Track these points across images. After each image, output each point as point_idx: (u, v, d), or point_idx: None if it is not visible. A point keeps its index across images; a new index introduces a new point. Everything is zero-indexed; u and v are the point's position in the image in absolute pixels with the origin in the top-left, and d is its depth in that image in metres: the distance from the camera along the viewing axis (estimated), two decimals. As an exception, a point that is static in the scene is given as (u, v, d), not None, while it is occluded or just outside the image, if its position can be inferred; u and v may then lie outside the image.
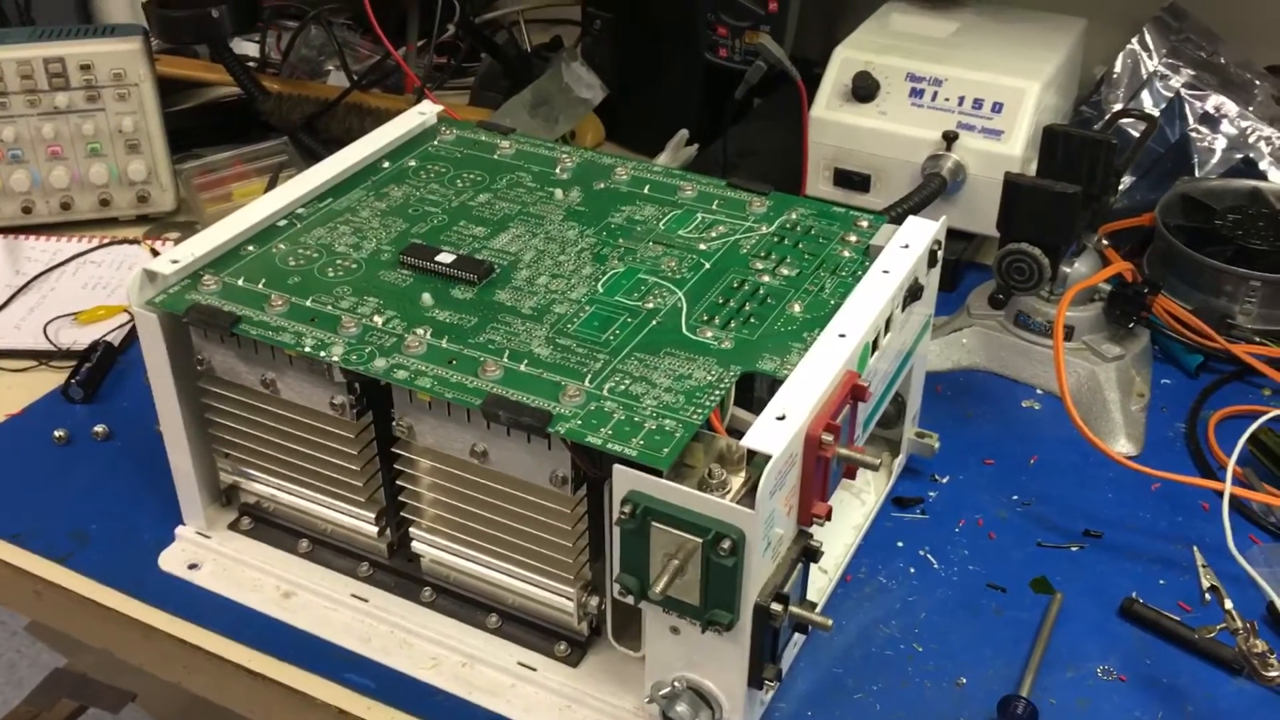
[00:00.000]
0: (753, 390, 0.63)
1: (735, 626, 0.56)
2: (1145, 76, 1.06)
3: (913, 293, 0.68)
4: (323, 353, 0.62)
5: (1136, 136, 0.93)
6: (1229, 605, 0.66)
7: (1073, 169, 0.79)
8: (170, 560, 0.73)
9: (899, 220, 0.71)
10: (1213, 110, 1.03)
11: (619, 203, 0.75)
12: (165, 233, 1.05)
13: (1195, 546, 0.73)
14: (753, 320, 0.64)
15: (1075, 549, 0.74)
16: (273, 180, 1.06)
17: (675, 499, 0.54)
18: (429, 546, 0.67)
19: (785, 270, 0.69)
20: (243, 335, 0.64)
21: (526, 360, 0.61)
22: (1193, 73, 1.05)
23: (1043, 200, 0.78)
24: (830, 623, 0.59)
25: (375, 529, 0.69)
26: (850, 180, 0.99)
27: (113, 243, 1.03)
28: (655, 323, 0.64)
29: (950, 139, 0.93)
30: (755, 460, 0.54)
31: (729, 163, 1.05)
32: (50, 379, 0.88)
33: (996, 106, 0.93)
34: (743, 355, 0.62)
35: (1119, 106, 1.05)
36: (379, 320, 0.64)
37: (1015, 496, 0.77)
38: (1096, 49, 1.09)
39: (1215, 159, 1.02)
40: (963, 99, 0.94)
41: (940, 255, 0.72)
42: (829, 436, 0.57)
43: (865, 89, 0.97)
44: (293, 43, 1.27)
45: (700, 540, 0.53)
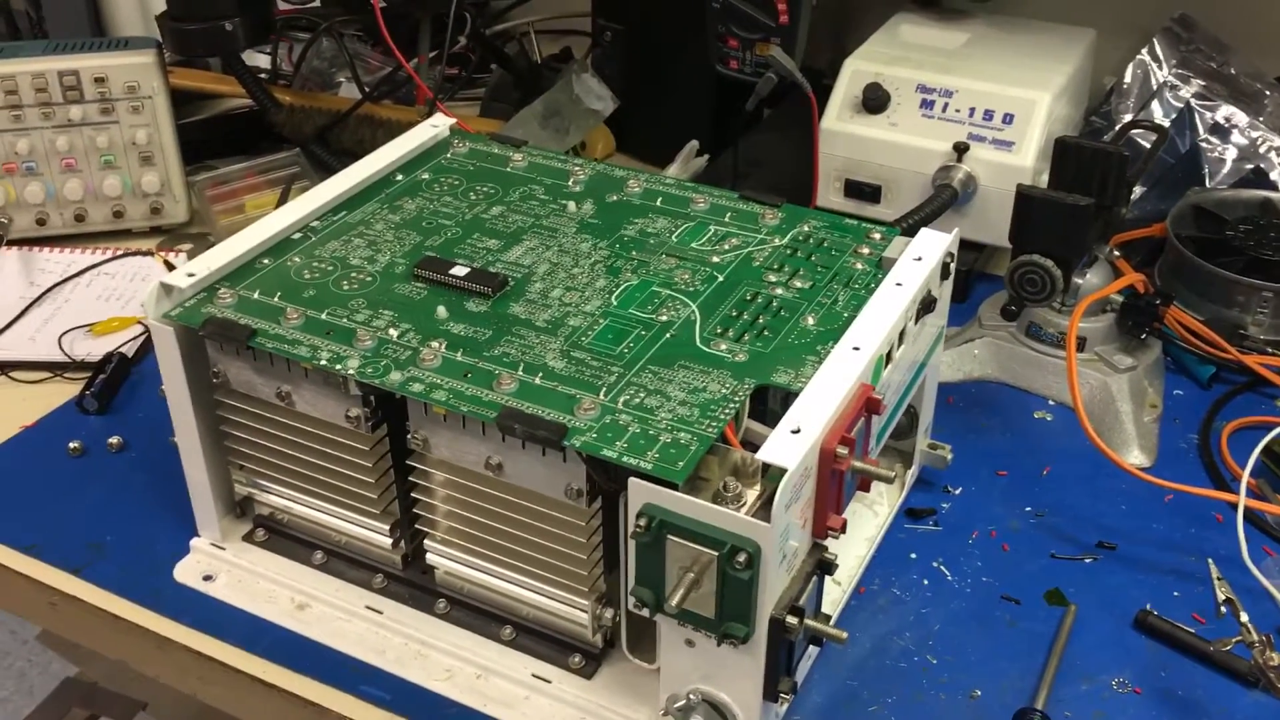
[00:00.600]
0: (766, 403, 0.63)
1: (750, 639, 0.56)
2: (1155, 87, 1.06)
3: (926, 305, 0.69)
4: (338, 366, 0.62)
5: (1146, 147, 0.93)
6: (1245, 618, 0.66)
7: (1085, 181, 0.79)
8: (185, 572, 0.73)
9: (911, 232, 0.72)
10: (1223, 121, 1.03)
11: (632, 215, 0.76)
12: (178, 244, 1.06)
13: (1210, 559, 0.73)
14: (766, 333, 0.65)
15: (1089, 560, 0.74)
16: (285, 192, 1.06)
17: (691, 512, 0.54)
18: (443, 558, 0.68)
19: (798, 283, 0.69)
20: (259, 348, 0.64)
21: (541, 373, 0.62)
22: (1203, 83, 1.05)
23: (1055, 212, 0.78)
24: (845, 635, 0.59)
25: (390, 541, 0.69)
26: (861, 191, 0.99)
27: (126, 254, 1.04)
28: (669, 336, 0.64)
29: (961, 150, 0.94)
30: (770, 473, 0.54)
31: (739, 174, 1.05)
32: (64, 390, 0.88)
33: (1007, 117, 0.94)
34: (757, 368, 0.62)
35: (1129, 117, 1.05)
36: (394, 333, 0.65)
37: (1028, 508, 0.77)
38: (1106, 60, 1.09)
39: (1226, 169, 1.02)
40: (973, 110, 0.95)
41: (953, 267, 0.72)
42: (844, 449, 0.57)
43: (876, 100, 0.97)
44: (304, 55, 1.27)
45: (716, 553, 0.53)
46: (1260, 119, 1.03)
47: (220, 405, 0.69)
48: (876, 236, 0.73)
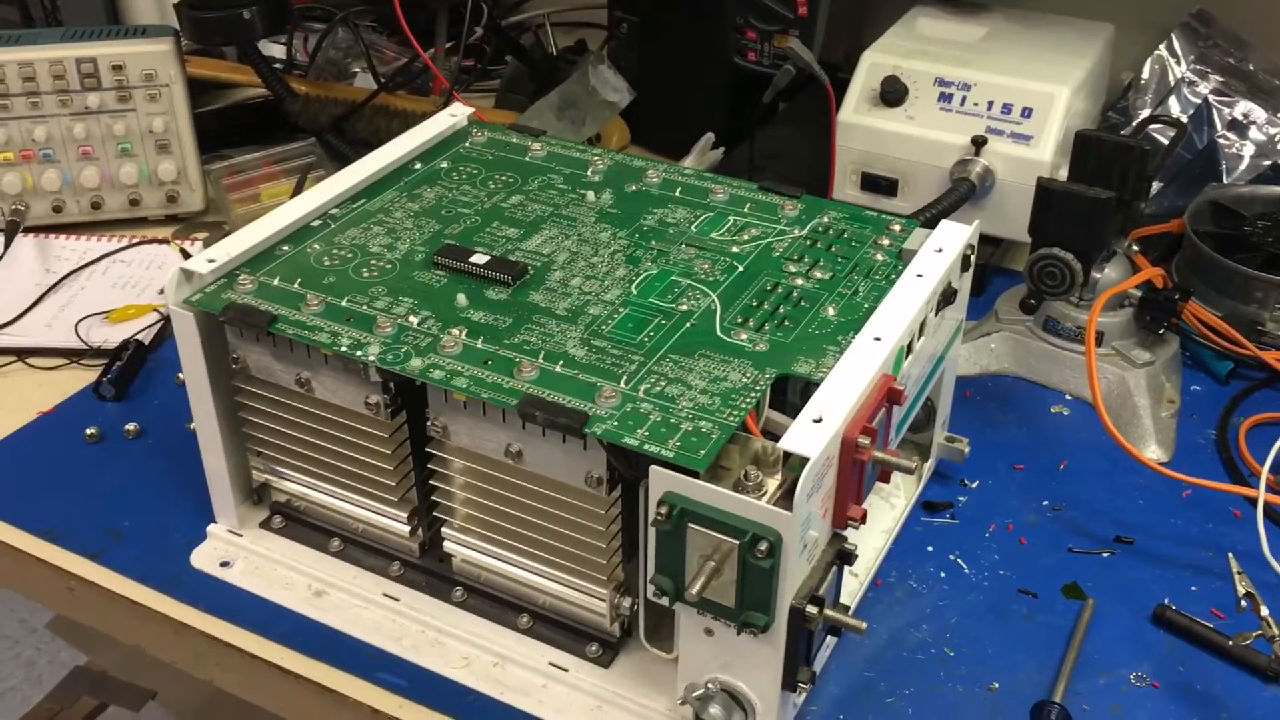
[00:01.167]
0: (785, 393, 0.63)
1: (770, 629, 0.56)
2: (1173, 82, 1.06)
3: (946, 297, 0.68)
4: (359, 352, 0.62)
5: (1164, 143, 0.93)
6: (1265, 612, 0.65)
7: (1105, 175, 0.79)
8: (202, 558, 0.73)
9: (930, 224, 0.71)
10: (1241, 116, 1.03)
11: (651, 205, 0.76)
12: (194, 232, 1.06)
13: (1230, 553, 0.73)
14: (787, 323, 0.64)
15: (1106, 555, 0.73)
16: (301, 181, 1.06)
17: (712, 500, 0.54)
18: (461, 546, 0.68)
19: (818, 273, 0.69)
20: (279, 334, 0.64)
21: (562, 361, 0.61)
22: (1221, 79, 1.05)
23: (1076, 205, 0.78)
24: (864, 625, 0.59)
25: (407, 528, 0.69)
26: (877, 184, 0.99)
27: (142, 242, 1.04)
28: (690, 325, 0.64)
29: (979, 144, 0.93)
30: (792, 462, 0.54)
31: (755, 166, 1.05)
32: (81, 377, 0.89)
33: (1026, 111, 0.93)
34: (777, 358, 0.62)
35: (1146, 112, 1.05)
36: (414, 320, 0.65)
37: (1045, 501, 0.77)
38: (1124, 55, 1.08)
39: (1243, 165, 1.02)
40: (992, 104, 0.94)
41: (973, 260, 0.72)
42: (865, 439, 0.57)
43: (893, 93, 0.97)
44: (320, 45, 1.27)
45: (737, 542, 0.53)
46: (1278, 115, 1.03)
47: (239, 391, 0.69)
48: (896, 228, 0.73)
